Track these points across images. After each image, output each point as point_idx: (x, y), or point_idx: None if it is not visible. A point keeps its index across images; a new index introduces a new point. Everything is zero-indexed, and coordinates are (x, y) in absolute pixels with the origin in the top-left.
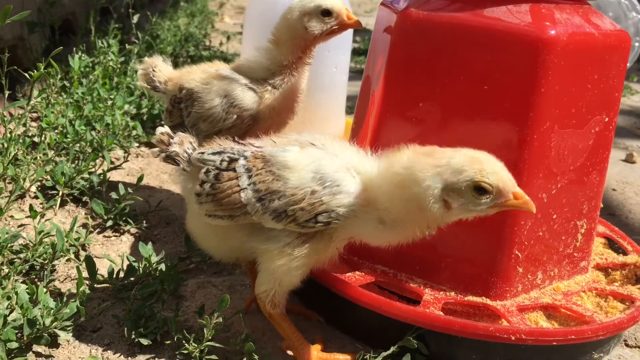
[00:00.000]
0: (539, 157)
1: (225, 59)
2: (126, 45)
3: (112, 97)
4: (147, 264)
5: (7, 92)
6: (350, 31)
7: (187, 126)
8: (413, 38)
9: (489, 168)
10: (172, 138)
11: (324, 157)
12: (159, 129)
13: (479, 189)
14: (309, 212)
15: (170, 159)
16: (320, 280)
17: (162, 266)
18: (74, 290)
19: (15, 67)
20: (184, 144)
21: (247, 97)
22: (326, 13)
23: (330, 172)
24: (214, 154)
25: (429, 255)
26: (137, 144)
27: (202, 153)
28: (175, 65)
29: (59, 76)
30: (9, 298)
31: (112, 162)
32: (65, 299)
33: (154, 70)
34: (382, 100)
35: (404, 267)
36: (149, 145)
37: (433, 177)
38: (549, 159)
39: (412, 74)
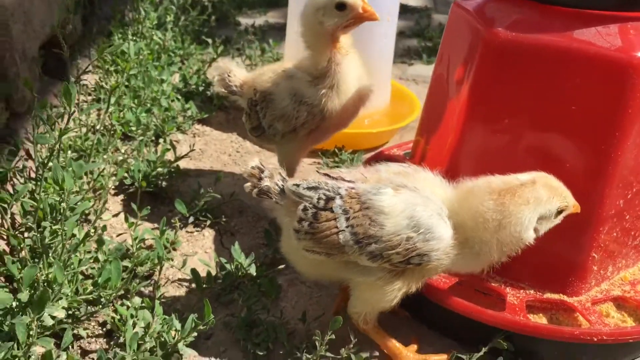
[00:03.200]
0: (621, 170)
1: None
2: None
3: (163, 77)
4: (239, 265)
5: (72, 79)
6: None
7: (264, 127)
8: (501, 58)
9: (564, 191)
10: (263, 172)
11: (418, 203)
12: (250, 163)
13: (560, 211)
14: (403, 256)
15: (263, 193)
16: None
17: (253, 267)
18: (178, 294)
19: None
20: (274, 177)
21: (313, 93)
22: (340, 6)
23: (424, 219)
24: (309, 189)
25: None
26: (191, 122)
27: (297, 186)
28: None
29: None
30: (132, 316)
31: (173, 146)
32: (182, 313)
33: (229, 76)
34: (467, 111)
35: None
36: (203, 122)
37: (530, 214)
38: (628, 170)
39: (499, 91)
